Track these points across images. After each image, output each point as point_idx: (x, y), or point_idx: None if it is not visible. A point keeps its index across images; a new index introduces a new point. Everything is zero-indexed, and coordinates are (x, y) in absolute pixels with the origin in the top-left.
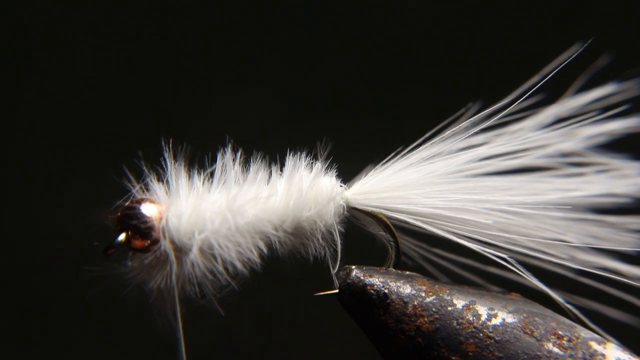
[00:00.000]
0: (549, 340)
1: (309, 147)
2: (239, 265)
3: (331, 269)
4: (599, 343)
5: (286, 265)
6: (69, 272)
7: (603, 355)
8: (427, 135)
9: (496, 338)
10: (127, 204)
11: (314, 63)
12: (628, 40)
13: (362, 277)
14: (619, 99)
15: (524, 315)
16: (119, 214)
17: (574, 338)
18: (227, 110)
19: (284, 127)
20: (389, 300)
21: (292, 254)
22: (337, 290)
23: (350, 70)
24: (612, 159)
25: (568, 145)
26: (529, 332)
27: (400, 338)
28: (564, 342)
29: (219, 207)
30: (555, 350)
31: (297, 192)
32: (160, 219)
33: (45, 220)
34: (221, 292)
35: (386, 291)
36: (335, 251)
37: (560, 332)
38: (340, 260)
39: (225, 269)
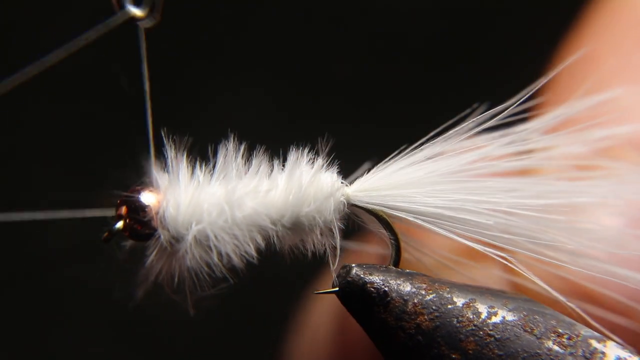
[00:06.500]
0: (548, 338)
1: (313, 143)
2: (235, 258)
3: (331, 266)
4: (599, 341)
5: (286, 262)
6: (67, 262)
7: (603, 353)
8: (431, 134)
9: (496, 336)
10: (126, 192)
11: (320, 59)
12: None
13: (362, 275)
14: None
15: (524, 313)
16: (118, 201)
17: (574, 336)
18: (232, 105)
19: (289, 123)
20: (389, 298)
21: (292, 250)
22: (337, 288)
23: (355, 68)
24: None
25: (573, 148)
26: (529, 330)
27: (400, 336)
28: (564, 340)
29: (217, 199)
30: (555, 348)
31: (297, 187)
32: (159, 208)
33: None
34: (217, 287)
35: (386, 289)
36: (335, 248)
37: (560, 330)
38: (340, 258)
39: (222, 261)
